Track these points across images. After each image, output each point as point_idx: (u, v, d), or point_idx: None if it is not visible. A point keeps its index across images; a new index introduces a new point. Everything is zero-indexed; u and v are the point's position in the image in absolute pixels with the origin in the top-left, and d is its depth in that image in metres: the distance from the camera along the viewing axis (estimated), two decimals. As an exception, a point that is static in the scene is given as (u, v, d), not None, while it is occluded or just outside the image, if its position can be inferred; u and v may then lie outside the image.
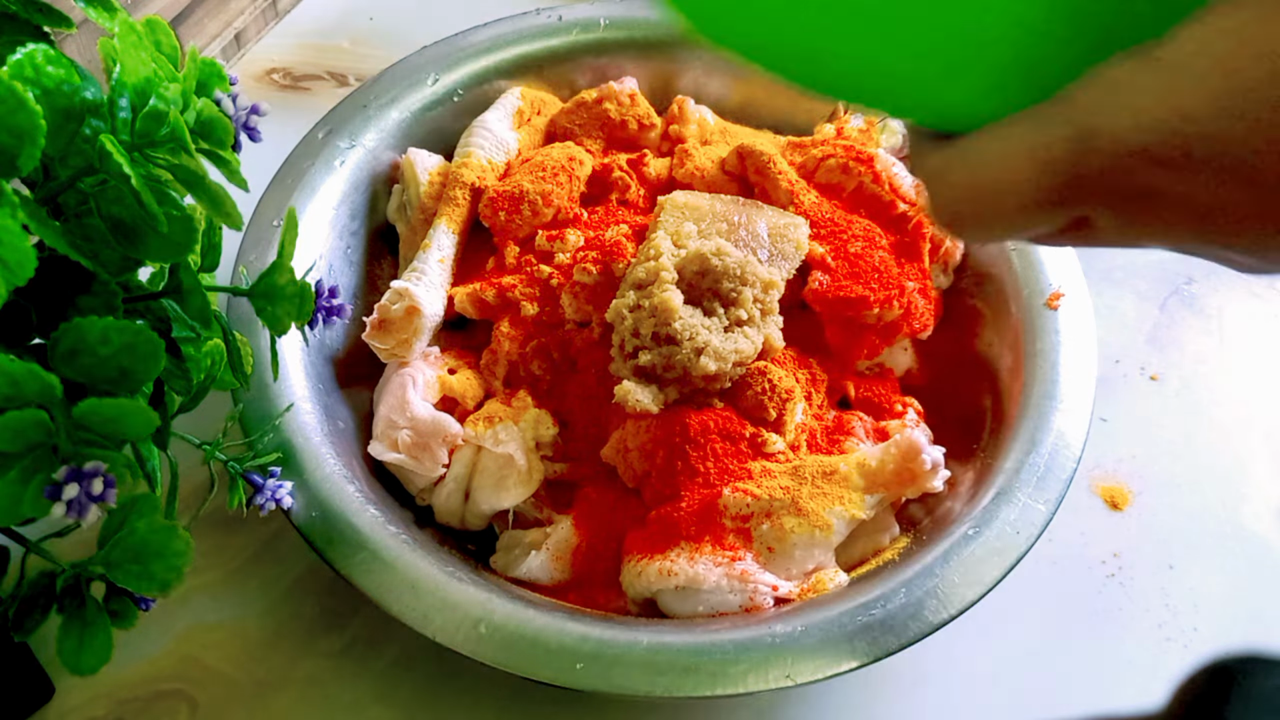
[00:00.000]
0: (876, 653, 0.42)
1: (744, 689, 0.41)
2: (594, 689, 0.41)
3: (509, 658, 0.41)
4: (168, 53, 0.34)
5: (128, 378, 0.30)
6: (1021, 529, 0.45)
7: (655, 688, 0.40)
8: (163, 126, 0.29)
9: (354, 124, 0.57)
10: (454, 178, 0.55)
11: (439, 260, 0.53)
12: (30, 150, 0.26)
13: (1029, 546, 0.45)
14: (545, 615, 0.43)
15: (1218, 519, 0.56)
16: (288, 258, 0.38)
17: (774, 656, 0.41)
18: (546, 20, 0.63)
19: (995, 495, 0.47)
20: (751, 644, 0.42)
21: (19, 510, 0.28)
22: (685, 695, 0.40)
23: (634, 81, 0.62)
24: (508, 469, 0.48)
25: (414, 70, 0.60)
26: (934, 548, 0.45)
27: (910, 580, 0.44)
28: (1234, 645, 0.26)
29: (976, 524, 0.46)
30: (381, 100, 0.58)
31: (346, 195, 0.56)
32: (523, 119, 0.60)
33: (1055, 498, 0.47)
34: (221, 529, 0.51)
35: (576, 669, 0.41)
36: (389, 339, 0.51)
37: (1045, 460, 0.48)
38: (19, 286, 0.26)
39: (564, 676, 0.41)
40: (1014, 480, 0.47)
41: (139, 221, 0.30)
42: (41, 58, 0.27)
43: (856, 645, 0.42)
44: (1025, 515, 0.46)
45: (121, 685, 0.47)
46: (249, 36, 0.74)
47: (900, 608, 0.43)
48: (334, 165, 0.55)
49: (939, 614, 0.43)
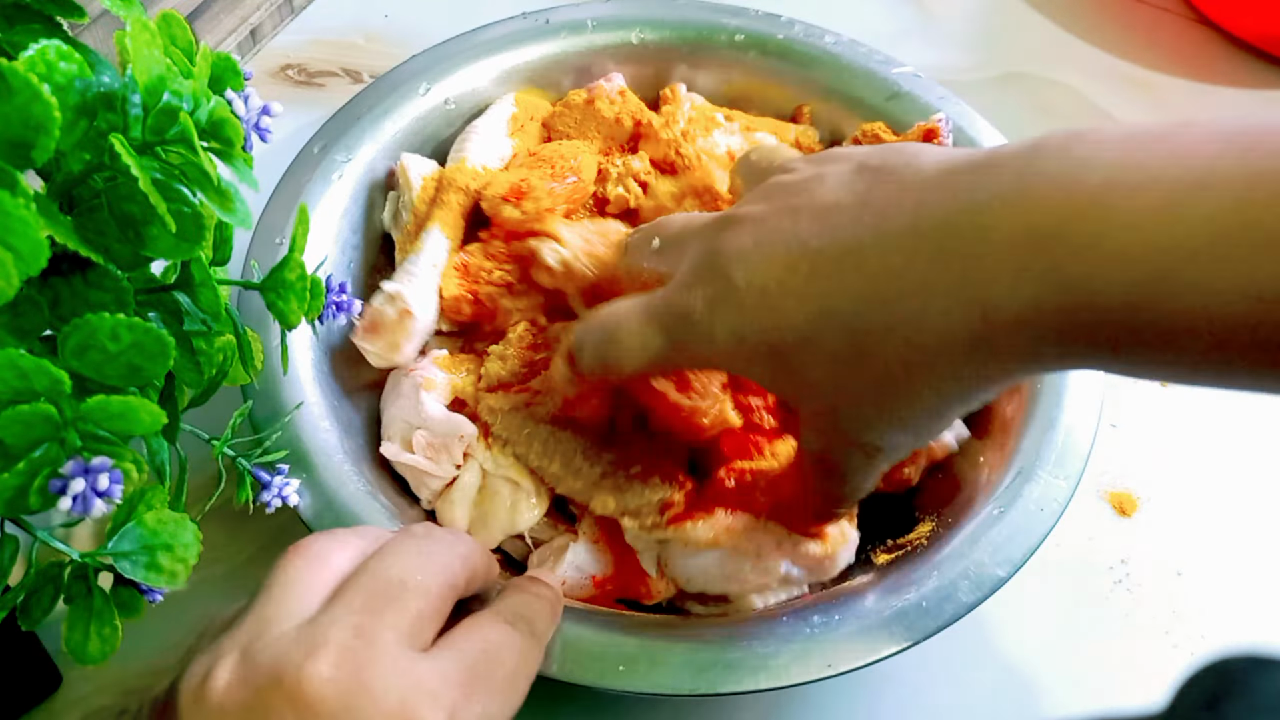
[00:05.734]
0: (915, 636, 0.42)
1: (787, 681, 0.41)
2: (638, 691, 0.41)
3: (548, 663, 0.41)
4: (182, 47, 0.34)
5: (137, 374, 0.30)
6: (1045, 505, 0.46)
7: (699, 685, 0.41)
8: (174, 124, 0.30)
9: (349, 137, 0.57)
10: (447, 182, 0.55)
11: (431, 264, 0.52)
12: (45, 142, 0.26)
13: (1054, 523, 0.46)
14: (581, 618, 0.43)
15: (1226, 526, 0.56)
16: (299, 251, 0.39)
17: (814, 647, 0.42)
18: (534, 24, 0.63)
19: (1016, 474, 0.47)
20: (790, 636, 0.42)
21: (24, 504, 0.28)
22: (729, 691, 0.41)
23: (621, 78, 0.61)
24: (517, 493, 0.48)
25: (404, 79, 0.60)
26: (960, 529, 0.46)
27: (940, 563, 0.45)
28: (1240, 651, 0.26)
29: (1001, 504, 0.46)
30: (375, 111, 0.58)
31: (347, 209, 0.56)
32: (517, 125, 0.60)
33: (1075, 473, 0.47)
34: (230, 522, 0.51)
35: (619, 671, 0.41)
36: (379, 341, 0.50)
37: (1062, 438, 0.48)
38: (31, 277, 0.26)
39: (608, 679, 0.41)
40: (1034, 459, 0.48)
41: (149, 218, 0.30)
42: (54, 54, 0.27)
43: (894, 630, 0.42)
44: (1048, 492, 0.47)
45: (129, 675, 0.47)
46: (264, 32, 0.74)
47: (934, 590, 0.43)
48: (331, 179, 0.55)
49: (973, 594, 0.43)
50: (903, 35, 0.80)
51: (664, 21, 0.64)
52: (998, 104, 0.70)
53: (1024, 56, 0.80)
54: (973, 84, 0.76)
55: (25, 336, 0.29)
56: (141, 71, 0.30)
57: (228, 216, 0.32)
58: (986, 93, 0.76)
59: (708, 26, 0.64)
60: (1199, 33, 0.82)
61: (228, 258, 0.40)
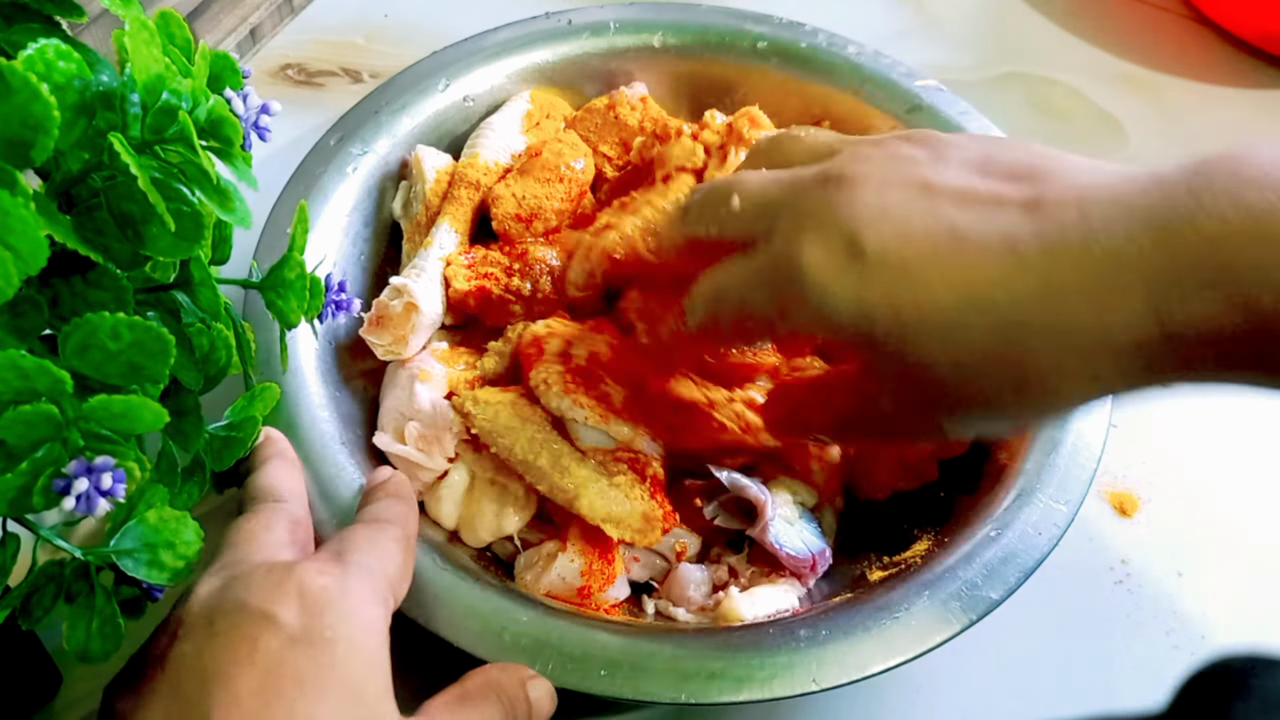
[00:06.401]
0: (902, 655, 0.42)
1: (769, 695, 0.41)
2: (620, 696, 0.41)
3: (532, 664, 0.41)
4: (181, 46, 0.34)
5: (138, 373, 0.30)
6: (1043, 530, 0.46)
7: (680, 694, 0.40)
8: (173, 123, 0.30)
9: (366, 130, 0.57)
10: (459, 177, 0.56)
11: (440, 259, 0.53)
12: (44, 141, 0.26)
13: (1051, 548, 0.45)
14: (567, 622, 0.43)
15: (1227, 527, 0.56)
16: (298, 250, 0.39)
17: (799, 660, 0.42)
18: (556, 24, 0.63)
19: (1016, 497, 0.47)
20: (777, 648, 0.42)
21: (27, 503, 0.28)
22: (711, 701, 0.40)
23: (643, 86, 0.62)
24: (505, 495, 0.48)
25: (424, 75, 0.60)
26: (956, 549, 0.46)
27: (932, 582, 0.44)
28: (1241, 651, 0.26)
29: (997, 526, 0.46)
30: (393, 106, 0.58)
31: (360, 201, 0.56)
32: (531, 122, 0.60)
33: (1076, 499, 0.47)
34: (230, 519, 0.51)
35: (600, 675, 0.41)
36: (385, 335, 0.51)
37: (1065, 461, 0.48)
38: (30, 276, 0.26)
39: (588, 683, 0.41)
40: (1034, 481, 0.48)
41: (148, 217, 0.30)
42: (53, 53, 0.27)
43: (880, 648, 0.42)
44: (1046, 516, 0.46)
45: (128, 675, 0.47)
46: (264, 32, 0.74)
47: (924, 610, 0.43)
48: (346, 171, 0.56)
49: (963, 617, 0.43)
50: (903, 35, 0.80)
51: (687, 26, 0.64)
52: (998, 104, 0.70)
53: (1024, 56, 0.80)
54: (973, 84, 0.76)
55: (25, 336, 0.29)
56: (140, 70, 0.30)
57: (227, 215, 0.32)
58: (986, 93, 0.76)
59: (730, 32, 0.64)
60: (1199, 33, 0.82)
61: (227, 257, 0.40)
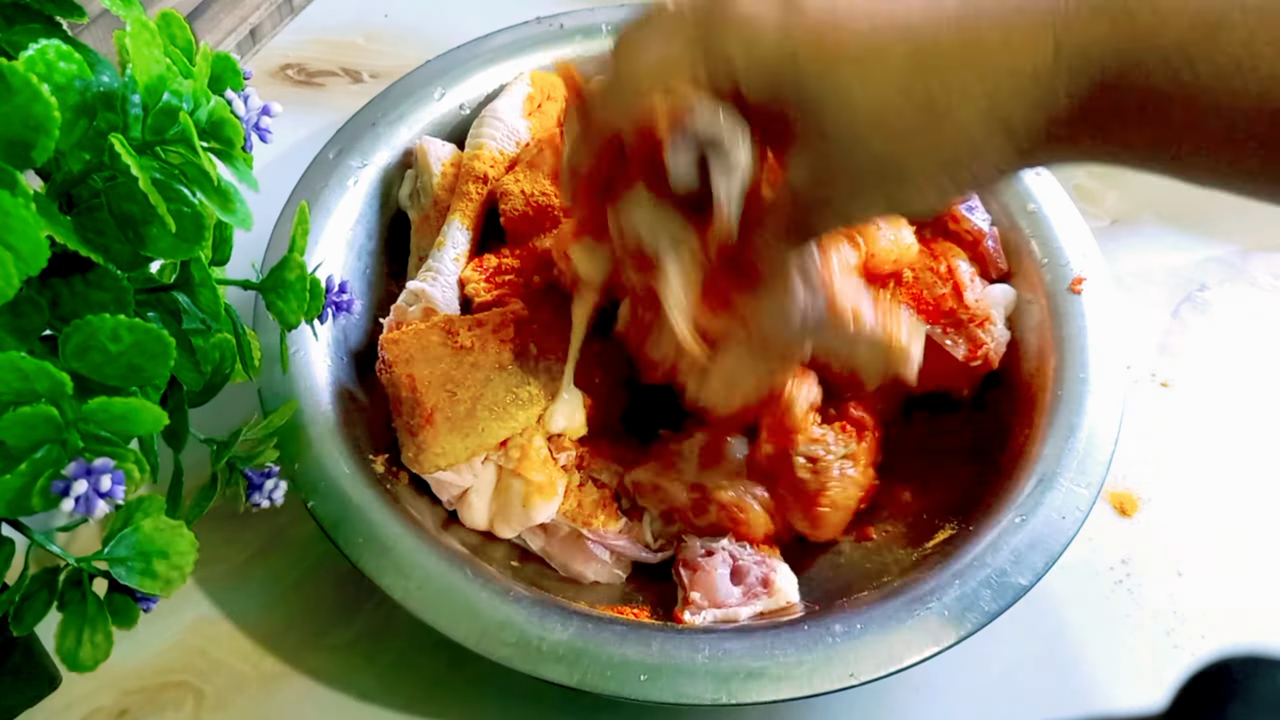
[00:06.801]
0: (938, 645, 0.43)
1: (809, 691, 0.41)
2: (661, 701, 0.41)
3: (570, 672, 0.41)
4: (182, 46, 0.34)
5: (138, 375, 0.30)
6: (1066, 514, 0.46)
7: (722, 695, 0.41)
8: (174, 124, 0.30)
9: (364, 142, 0.57)
10: (466, 170, 0.55)
11: (454, 259, 0.53)
12: (45, 142, 0.26)
13: (1076, 530, 0.46)
14: (603, 627, 0.43)
15: (1227, 527, 0.56)
16: (298, 252, 0.39)
17: (836, 655, 0.42)
18: (548, 29, 0.63)
19: (1038, 482, 0.48)
20: (813, 644, 0.42)
21: (26, 505, 0.28)
22: (752, 701, 0.41)
23: None
24: (530, 487, 0.48)
25: (419, 84, 0.60)
26: (982, 537, 0.46)
27: (962, 571, 0.45)
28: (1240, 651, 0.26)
29: (1022, 512, 0.47)
30: (390, 117, 0.58)
31: (362, 215, 0.56)
32: (534, 105, 0.60)
33: (1097, 481, 0.48)
34: (230, 522, 0.51)
35: (640, 681, 0.41)
36: None
37: (1083, 445, 0.49)
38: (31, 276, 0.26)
39: (629, 689, 0.41)
40: (1054, 466, 0.48)
41: (149, 218, 0.30)
42: (54, 54, 0.27)
43: (916, 639, 0.43)
44: (1069, 500, 0.47)
45: (128, 675, 0.47)
46: (264, 32, 0.74)
47: (955, 599, 0.44)
48: (347, 185, 0.56)
49: (994, 603, 0.44)
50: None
51: None
52: None
53: None
54: None
55: (26, 337, 0.29)
56: (141, 71, 0.30)
57: (227, 216, 0.32)
58: None
59: None
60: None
61: (227, 258, 0.40)
